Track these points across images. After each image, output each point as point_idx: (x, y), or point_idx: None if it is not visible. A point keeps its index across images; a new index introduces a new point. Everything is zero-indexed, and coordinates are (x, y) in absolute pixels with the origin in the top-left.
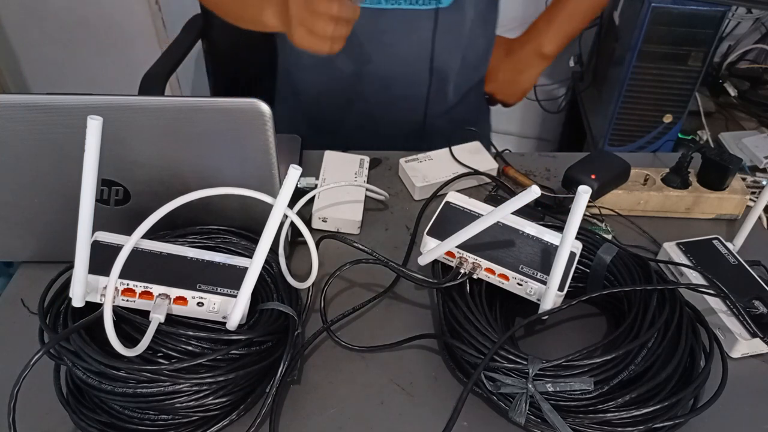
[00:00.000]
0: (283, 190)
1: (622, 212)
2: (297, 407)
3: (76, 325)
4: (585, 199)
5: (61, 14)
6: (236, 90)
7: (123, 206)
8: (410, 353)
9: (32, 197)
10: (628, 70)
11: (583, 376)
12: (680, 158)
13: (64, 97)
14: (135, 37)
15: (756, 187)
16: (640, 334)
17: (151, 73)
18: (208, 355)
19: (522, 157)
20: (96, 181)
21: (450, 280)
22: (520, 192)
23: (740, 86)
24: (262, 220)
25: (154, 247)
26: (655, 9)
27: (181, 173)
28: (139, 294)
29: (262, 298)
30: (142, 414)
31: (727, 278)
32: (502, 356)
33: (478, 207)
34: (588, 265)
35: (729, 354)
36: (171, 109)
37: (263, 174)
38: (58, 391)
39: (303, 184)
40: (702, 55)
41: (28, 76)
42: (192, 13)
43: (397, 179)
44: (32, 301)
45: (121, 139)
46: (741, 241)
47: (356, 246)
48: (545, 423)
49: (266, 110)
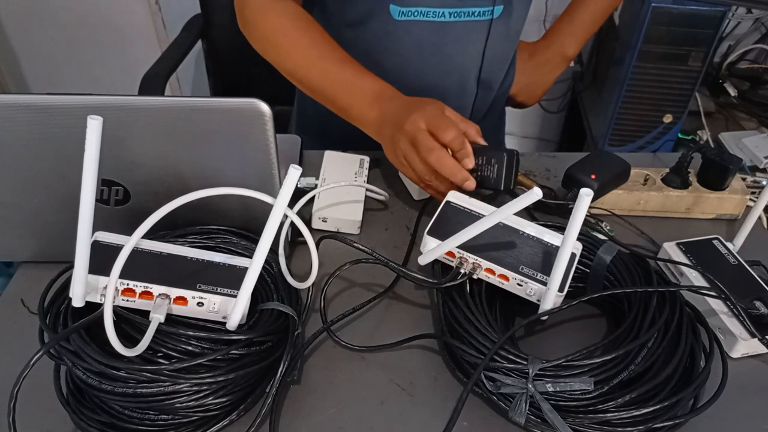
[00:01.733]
0: (283, 190)
1: (622, 212)
2: (297, 407)
3: (76, 325)
4: (587, 201)
5: (61, 14)
6: (236, 90)
7: (123, 206)
8: (410, 353)
9: (32, 197)
10: (628, 70)
11: (583, 376)
12: (680, 158)
13: (64, 97)
14: (135, 37)
15: (756, 187)
16: (640, 334)
17: (151, 73)
18: (208, 355)
19: (522, 157)
20: (96, 181)
21: (450, 280)
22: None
23: (740, 86)
24: (262, 220)
25: (154, 247)
26: (655, 9)
27: (181, 173)
28: (139, 294)
29: (262, 298)
30: (142, 414)
31: (727, 278)
32: (502, 356)
33: (478, 206)
34: (588, 264)
35: (729, 354)
36: (171, 109)
37: (263, 174)
38: (58, 391)
39: (303, 184)
40: (702, 55)
41: (28, 76)
42: (192, 13)
43: (397, 179)
44: (32, 301)
45: (121, 139)
46: (741, 241)
47: (356, 246)
48: (545, 423)
49: (266, 110)
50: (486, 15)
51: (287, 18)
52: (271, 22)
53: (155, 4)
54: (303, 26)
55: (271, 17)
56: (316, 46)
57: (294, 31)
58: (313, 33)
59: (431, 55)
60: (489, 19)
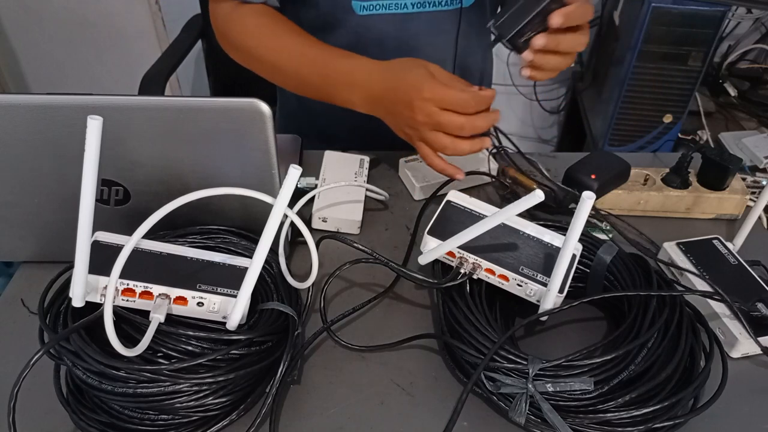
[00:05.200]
0: (283, 190)
1: (622, 212)
2: (297, 407)
3: (76, 325)
4: (589, 204)
5: (61, 14)
6: (236, 90)
7: (123, 206)
8: (410, 353)
9: (32, 197)
10: (628, 70)
11: (583, 376)
12: (680, 158)
13: (64, 97)
14: (135, 37)
15: (756, 187)
16: (640, 334)
17: (151, 73)
18: (208, 355)
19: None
20: (96, 181)
21: (450, 280)
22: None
23: (740, 86)
24: (262, 220)
25: (154, 247)
26: (655, 9)
27: (181, 173)
28: (139, 294)
29: (262, 298)
30: (142, 414)
31: (727, 278)
32: (502, 356)
33: (479, 206)
34: (588, 264)
35: (729, 354)
36: (171, 109)
37: (263, 174)
38: (58, 391)
39: (303, 184)
40: (702, 55)
41: (28, 76)
42: (192, 13)
43: (397, 179)
44: (32, 301)
45: (121, 139)
46: (741, 241)
47: (356, 246)
48: (545, 423)
49: (266, 110)
50: (454, 4)
51: (251, 18)
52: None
53: (155, 4)
54: (267, 23)
55: (237, 23)
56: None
57: (261, 29)
58: (278, 27)
59: (396, 48)
60: (458, 8)
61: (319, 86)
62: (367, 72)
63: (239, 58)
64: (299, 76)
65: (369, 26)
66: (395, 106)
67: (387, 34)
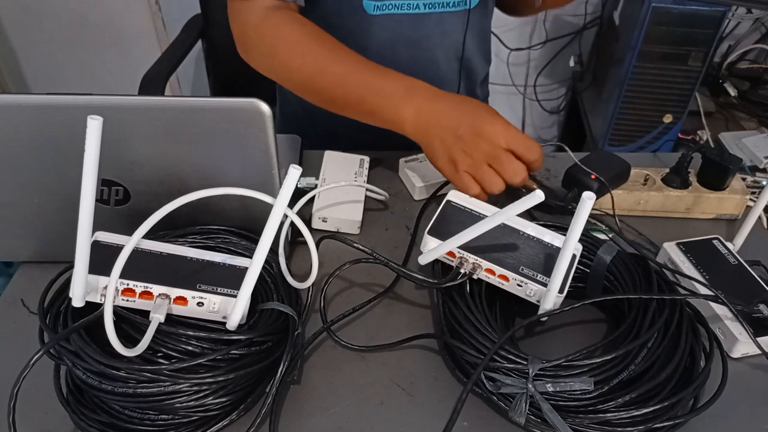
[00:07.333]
0: (283, 190)
1: (622, 212)
2: (297, 407)
3: (76, 325)
4: (589, 205)
5: (61, 14)
6: (236, 90)
7: (123, 206)
8: (410, 353)
9: (32, 197)
10: (628, 70)
11: (583, 376)
12: (680, 158)
13: (64, 97)
14: (135, 37)
15: (756, 187)
16: (640, 334)
17: (151, 73)
18: (208, 355)
19: None
20: (96, 181)
21: (450, 280)
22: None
23: (740, 86)
24: (262, 220)
25: (154, 247)
26: (655, 9)
27: (181, 173)
28: (139, 294)
29: (262, 298)
30: (142, 414)
31: (727, 279)
32: (502, 356)
33: (479, 206)
34: (588, 265)
35: (729, 354)
36: (171, 109)
37: (263, 174)
38: (58, 391)
39: (303, 184)
40: (702, 55)
41: (28, 76)
42: (192, 13)
43: (397, 179)
44: (32, 301)
45: (121, 139)
46: (741, 241)
47: (356, 246)
48: (545, 423)
49: (266, 110)
50: (461, 5)
51: (287, 27)
52: (276, 33)
53: (155, 4)
54: (308, 32)
55: (274, 27)
56: (327, 51)
57: (301, 37)
58: (322, 38)
59: (409, 48)
60: (465, 9)
61: (362, 100)
62: (427, 89)
63: (266, 66)
64: (345, 86)
65: (381, 26)
66: (457, 129)
67: (399, 34)
